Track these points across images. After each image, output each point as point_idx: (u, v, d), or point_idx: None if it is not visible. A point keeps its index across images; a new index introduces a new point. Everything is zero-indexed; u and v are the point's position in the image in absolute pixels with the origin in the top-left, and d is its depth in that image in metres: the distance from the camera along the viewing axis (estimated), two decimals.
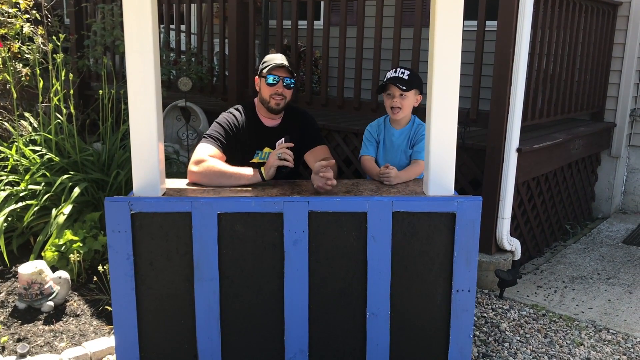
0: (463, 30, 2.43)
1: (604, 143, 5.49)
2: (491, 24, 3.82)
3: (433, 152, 2.51)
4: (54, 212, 3.74)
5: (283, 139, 2.91)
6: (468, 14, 2.62)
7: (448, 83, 2.45)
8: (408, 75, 3.01)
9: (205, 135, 2.91)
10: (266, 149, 2.98)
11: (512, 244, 3.97)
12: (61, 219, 3.66)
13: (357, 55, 4.47)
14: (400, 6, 4.20)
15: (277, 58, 3.03)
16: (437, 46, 2.42)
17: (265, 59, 3.06)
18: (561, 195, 4.95)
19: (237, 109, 3.07)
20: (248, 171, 2.74)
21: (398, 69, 3.06)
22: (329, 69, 4.81)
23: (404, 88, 2.99)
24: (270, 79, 2.96)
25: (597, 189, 5.73)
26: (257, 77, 3.06)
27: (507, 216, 3.86)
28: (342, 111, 4.81)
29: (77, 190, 3.81)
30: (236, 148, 2.91)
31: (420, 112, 3.04)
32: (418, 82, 3.06)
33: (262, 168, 2.76)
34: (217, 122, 2.98)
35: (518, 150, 3.79)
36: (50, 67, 4.45)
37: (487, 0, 3.84)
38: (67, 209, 3.72)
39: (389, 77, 3.05)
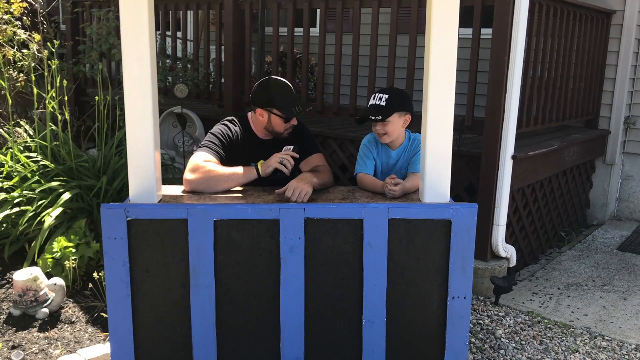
0: (458, 38, 2.44)
1: (598, 150, 5.52)
2: (486, 32, 3.84)
3: (429, 160, 2.52)
4: (43, 216, 3.72)
5: (292, 146, 2.92)
6: (463, 22, 2.63)
7: (444, 90, 2.46)
8: (386, 99, 2.87)
9: (201, 145, 2.89)
10: (261, 162, 2.97)
11: (507, 251, 3.98)
12: (48, 222, 3.64)
13: (353, 62, 4.48)
14: (396, 14, 4.22)
15: (291, 94, 2.96)
16: (433, 53, 2.44)
17: (274, 92, 2.92)
18: (556, 202, 4.96)
19: (230, 121, 3.04)
20: (243, 168, 2.76)
21: (376, 95, 2.92)
22: (325, 75, 4.82)
23: (379, 118, 2.87)
24: (289, 118, 2.94)
25: (592, 195, 5.75)
26: (262, 109, 2.94)
27: (503, 223, 3.87)
28: (338, 118, 4.82)
29: (65, 196, 3.79)
30: (231, 159, 2.90)
31: (416, 119, 3.04)
32: (399, 103, 2.91)
33: (259, 165, 2.77)
34: (211, 133, 2.96)
35: (513, 157, 3.81)
36: (45, 74, 4.45)
37: (483, 8, 3.86)
38: (54, 212, 3.70)
39: (368, 104, 2.95)
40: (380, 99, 2.91)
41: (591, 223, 5.74)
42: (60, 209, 3.75)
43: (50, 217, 3.68)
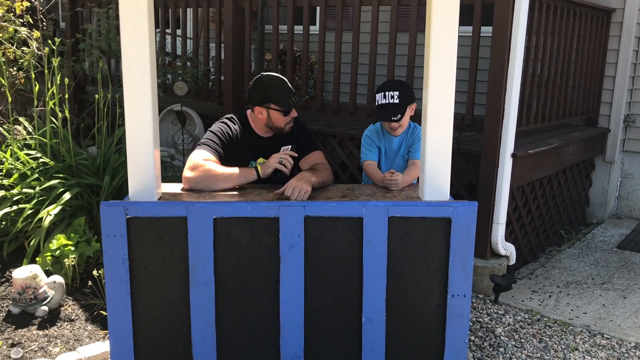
0: (458, 36, 2.44)
1: (598, 148, 5.52)
2: (486, 30, 3.84)
3: (428, 157, 2.52)
4: (42, 214, 3.72)
5: (290, 146, 2.93)
6: (463, 20, 2.63)
7: (443, 88, 2.46)
8: (398, 96, 2.95)
9: (200, 144, 2.89)
10: (260, 159, 2.97)
11: (507, 249, 3.98)
12: (47, 221, 3.64)
13: (353, 60, 4.47)
14: (396, 12, 4.22)
15: (286, 87, 2.96)
16: (433, 52, 2.43)
17: (268, 88, 2.92)
18: (556, 200, 4.96)
19: (230, 119, 3.04)
20: (243, 169, 2.77)
21: (387, 93, 2.97)
22: (325, 73, 4.81)
23: (399, 117, 2.98)
24: (288, 111, 2.95)
25: (592, 194, 5.75)
26: (260, 107, 2.95)
27: (502, 221, 3.87)
28: (338, 116, 4.81)
29: (66, 196, 3.79)
30: (230, 157, 2.90)
31: (416, 116, 3.05)
32: (409, 96, 3.03)
33: (259, 166, 2.77)
34: (211, 131, 2.96)
35: (513, 155, 3.81)
36: (46, 72, 4.45)
37: (483, 6, 3.86)
38: (54, 211, 3.70)
39: (379, 103, 3.00)
40: (392, 97, 2.96)
41: (591, 221, 5.74)
42: (59, 207, 3.75)
43: (49, 215, 3.67)
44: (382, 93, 3.01)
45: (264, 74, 3.02)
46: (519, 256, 4.31)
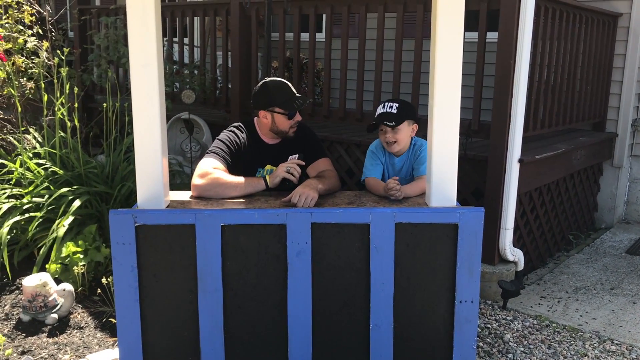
0: (464, 42, 2.45)
1: (606, 153, 5.50)
2: (492, 36, 3.84)
3: (435, 164, 2.52)
4: (56, 226, 3.75)
5: (297, 155, 2.94)
6: (469, 26, 2.64)
7: (450, 94, 2.47)
8: (397, 108, 2.94)
9: (209, 152, 2.92)
10: (268, 166, 2.99)
11: (515, 255, 3.97)
12: (61, 231, 3.67)
13: (359, 67, 4.49)
14: (402, 18, 4.23)
15: (289, 90, 2.98)
16: (439, 58, 2.44)
17: (272, 92, 2.96)
18: (564, 206, 4.95)
19: (237, 127, 3.07)
20: (252, 179, 2.79)
21: (386, 104, 2.99)
22: (331, 80, 4.83)
23: (393, 124, 2.93)
24: (292, 115, 2.97)
25: (600, 199, 5.72)
26: (264, 111, 2.97)
27: (510, 227, 3.86)
28: (345, 122, 4.83)
29: (76, 203, 3.82)
30: (238, 165, 2.92)
31: (422, 123, 3.05)
32: (409, 112, 3.00)
33: (267, 176, 2.79)
34: (219, 140, 2.99)
35: (520, 160, 3.80)
36: (55, 81, 4.49)
37: (488, 11, 3.86)
38: (67, 221, 3.73)
39: (378, 113, 3.00)
40: (391, 107, 2.96)
41: (599, 226, 5.72)
42: (72, 217, 3.77)
43: (63, 226, 3.70)
44: (383, 104, 3.03)
45: (268, 79, 3.05)
46: (527, 262, 4.29)
